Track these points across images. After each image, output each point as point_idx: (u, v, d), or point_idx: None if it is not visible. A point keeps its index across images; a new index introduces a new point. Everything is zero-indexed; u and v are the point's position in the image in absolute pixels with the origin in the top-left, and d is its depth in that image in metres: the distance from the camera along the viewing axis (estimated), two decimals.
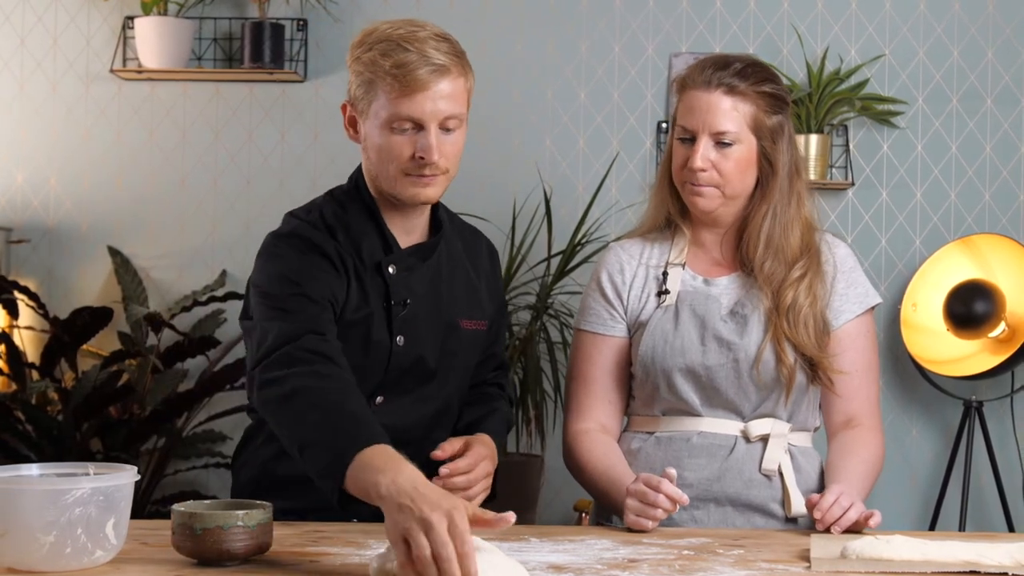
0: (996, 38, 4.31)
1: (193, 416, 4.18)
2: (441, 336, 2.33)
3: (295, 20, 4.34)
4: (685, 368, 2.39)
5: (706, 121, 2.39)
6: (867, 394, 2.47)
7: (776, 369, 2.37)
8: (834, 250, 2.50)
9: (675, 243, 2.52)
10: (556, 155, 4.36)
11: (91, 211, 4.40)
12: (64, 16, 4.41)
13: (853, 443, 2.41)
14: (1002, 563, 1.84)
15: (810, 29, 4.33)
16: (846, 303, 2.46)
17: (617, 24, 4.37)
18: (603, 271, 2.54)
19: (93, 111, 4.40)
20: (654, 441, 2.44)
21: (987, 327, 4.02)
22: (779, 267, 2.42)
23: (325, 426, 1.95)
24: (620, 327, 2.50)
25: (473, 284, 2.41)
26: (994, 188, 4.31)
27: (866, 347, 2.48)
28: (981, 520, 4.24)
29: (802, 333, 2.37)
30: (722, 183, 2.41)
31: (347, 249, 2.27)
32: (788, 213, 2.43)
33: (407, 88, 2.16)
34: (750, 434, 2.40)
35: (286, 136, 4.39)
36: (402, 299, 2.28)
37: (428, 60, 2.16)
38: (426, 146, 2.19)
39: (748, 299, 2.42)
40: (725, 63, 2.42)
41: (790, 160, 2.45)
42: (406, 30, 2.20)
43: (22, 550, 1.77)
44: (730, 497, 2.39)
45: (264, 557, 1.90)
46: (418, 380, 2.32)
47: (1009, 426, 4.25)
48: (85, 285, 4.39)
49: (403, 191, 2.24)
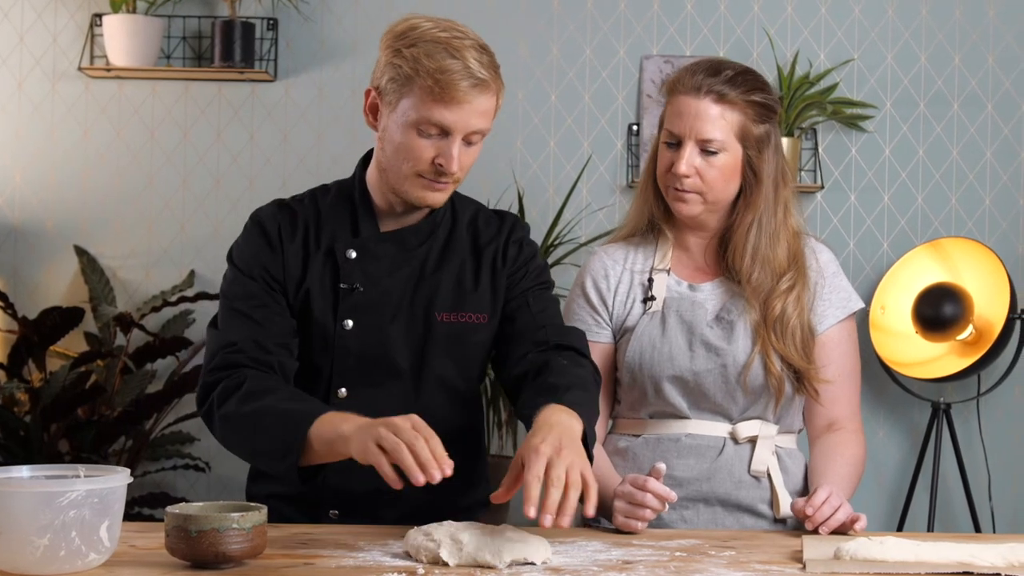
0: (963, 44, 4.36)
1: (162, 417, 4.15)
2: (413, 328, 2.29)
3: (265, 19, 4.32)
4: (673, 374, 2.40)
5: (693, 127, 2.38)
6: (848, 398, 2.49)
7: (765, 380, 2.39)
8: (818, 255, 2.50)
9: (659, 247, 2.52)
10: (527, 157, 4.37)
11: (57, 210, 4.36)
12: (31, 13, 4.36)
13: (836, 446, 2.43)
14: (995, 564, 1.86)
15: (780, 33, 4.35)
16: (829, 308, 2.48)
17: (588, 26, 4.38)
18: (587, 277, 2.53)
19: (60, 109, 4.36)
20: (642, 441, 2.45)
21: (955, 330, 4.05)
22: (766, 278, 2.42)
23: (273, 418, 2.09)
24: (605, 333, 2.50)
25: (470, 279, 2.34)
26: (960, 192, 4.36)
27: (848, 352, 2.50)
28: (948, 521, 4.28)
29: (789, 345, 2.39)
30: (705, 189, 2.40)
31: (300, 229, 2.30)
32: (774, 223, 2.43)
33: (445, 96, 2.14)
34: (738, 436, 2.41)
35: (255, 136, 4.37)
36: (351, 284, 2.27)
37: (471, 73, 2.14)
38: (448, 155, 2.18)
39: (733, 305, 2.43)
40: (716, 69, 2.40)
41: (776, 169, 2.44)
42: (451, 34, 2.18)
43: (16, 553, 1.75)
44: (720, 497, 2.40)
45: (258, 560, 1.89)
46: (387, 373, 2.29)
47: (975, 428, 4.29)
48: (51, 284, 4.35)
49: (411, 191, 2.23)
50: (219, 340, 2.25)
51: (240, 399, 2.13)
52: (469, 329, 2.33)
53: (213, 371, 2.21)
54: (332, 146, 4.36)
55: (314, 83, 4.38)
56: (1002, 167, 4.35)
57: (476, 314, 2.33)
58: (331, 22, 4.37)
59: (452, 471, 1.89)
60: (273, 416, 2.08)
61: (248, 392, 2.13)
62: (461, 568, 1.87)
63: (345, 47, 4.37)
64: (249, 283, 2.29)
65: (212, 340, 2.27)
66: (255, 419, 2.10)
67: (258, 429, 2.11)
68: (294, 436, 2.04)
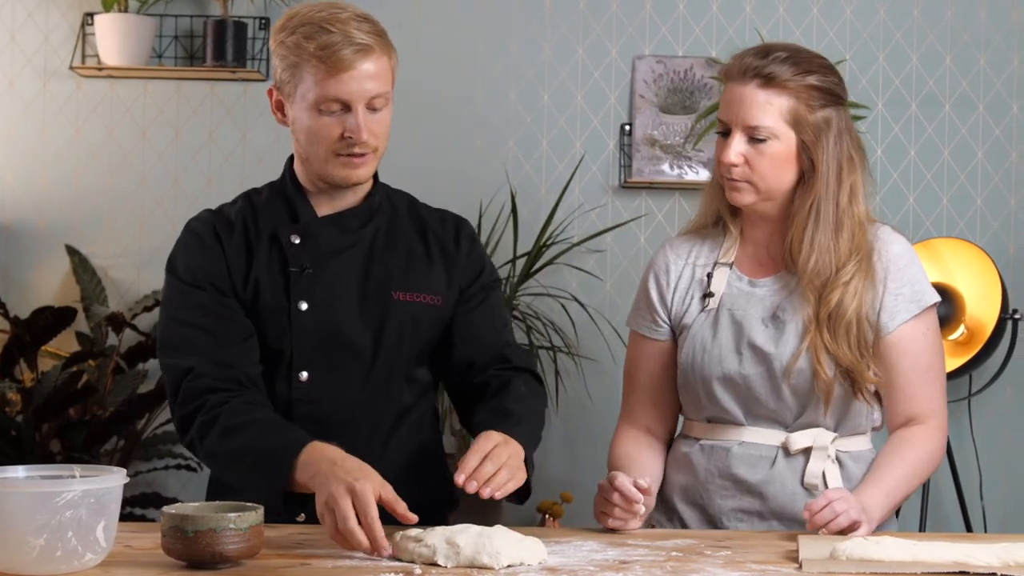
0: (954, 44, 4.37)
1: (154, 417, 4.14)
2: (369, 307, 2.31)
3: (258, 18, 4.31)
4: (723, 376, 2.35)
5: (739, 114, 2.29)
6: (927, 394, 2.37)
7: (811, 382, 2.30)
8: (889, 247, 2.37)
9: (725, 241, 2.45)
10: (519, 157, 4.36)
11: (49, 209, 4.35)
12: (22, 12, 4.35)
13: (901, 443, 2.34)
14: (991, 564, 1.86)
15: (772, 33, 4.35)
16: (901, 302, 2.35)
17: (580, 26, 4.38)
18: (651, 272, 2.50)
19: (51, 108, 4.35)
20: (699, 448, 2.41)
21: (947, 330, 4.05)
22: (825, 268, 2.30)
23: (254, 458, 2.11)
24: (663, 330, 2.47)
25: (420, 260, 2.37)
26: (952, 192, 4.37)
27: (925, 348, 2.36)
28: (939, 521, 4.29)
29: (842, 341, 2.28)
30: (756, 179, 2.31)
31: (238, 225, 2.32)
32: (836, 211, 2.31)
33: (332, 69, 2.18)
34: (791, 447, 2.34)
35: (247, 135, 4.36)
36: (301, 266, 2.28)
37: (351, 40, 2.18)
38: (354, 126, 2.21)
39: (789, 303, 2.35)
40: (766, 52, 2.31)
41: (839, 156, 2.31)
42: (328, 12, 2.22)
43: (12, 553, 1.75)
44: (774, 510, 2.35)
45: (254, 560, 1.89)
46: (346, 354, 2.29)
47: (967, 428, 4.30)
48: (42, 284, 4.34)
49: (334, 172, 2.27)
50: (176, 368, 2.24)
51: (220, 435, 2.14)
52: (424, 309, 2.34)
53: (183, 404, 2.21)
54: None
55: None
56: (993, 168, 4.36)
57: (430, 295, 2.36)
58: None
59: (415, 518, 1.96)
60: (253, 456, 2.10)
61: (225, 429, 2.14)
62: (458, 569, 1.87)
63: None
64: (194, 293, 2.29)
65: (169, 370, 2.26)
66: (237, 457, 2.14)
67: (241, 469, 2.15)
68: (276, 479, 2.06)
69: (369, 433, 2.30)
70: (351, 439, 2.14)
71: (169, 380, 2.25)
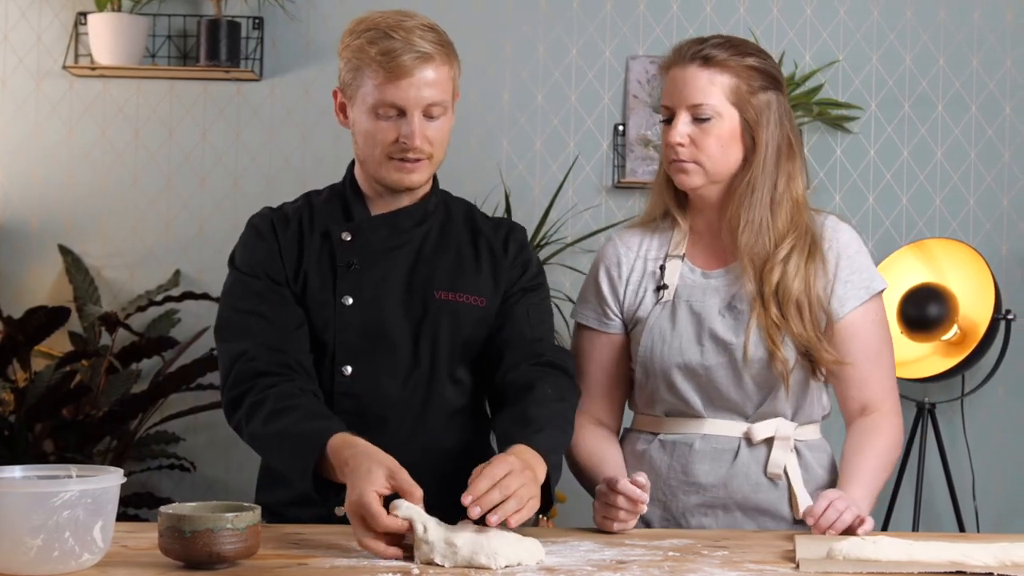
0: (947, 45, 4.38)
1: (147, 418, 4.13)
2: (412, 306, 2.33)
3: (251, 18, 4.31)
4: (684, 366, 2.36)
5: (682, 95, 2.34)
6: (880, 380, 2.41)
7: (770, 365, 2.32)
8: (837, 234, 2.41)
9: (675, 234, 2.47)
10: (513, 157, 4.37)
11: (42, 209, 4.34)
12: (14, 11, 4.34)
13: (867, 434, 2.36)
14: (987, 564, 1.87)
15: (766, 34, 4.36)
16: (851, 289, 2.39)
17: (574, 27, 4.38)
18: (601, 265, 2.51)
19: (44, 108, 4.34)
20: (658, 444, 2.42)
21: (940, 330, 4.07)
22: (762, 245, 2.33)
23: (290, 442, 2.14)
24: (615, 324, 2.48)
25: (469, 263, 2.39)
26: (945, 193, 4.38)
27: (875, 334, 2.41)
28: (932, 521, 4.30)
29: (793, 319, 2.31)
30: (702, 158, 2.34)
31: (294, 221, 2.36)
32: (774, 192, 2.34)
33: (392, 75, 2.22)
34: (753, 437, 2.36)
35: (241, 135, 4.35)
36: (348, 262, 2.32)
37: (413, 47, 2.22)
38: (408, 132, 2.25)
39: (746, 292, 2.35)
40: (703, 39, 2.37)
41: (779, 138, 2.35)
42: (395, 19, 2.26)
43: (9, 554, 1.74)
44: (738, 502, 2.37)
45: (252, 560, 1.88)
46: (389, 351, 2.32)
47: (960, 428, 4.31)
48: (35, 284, 4.33)
49: (388, 175, 2.31)
50: (231, 351, 2.28)
51: (264, 419, 2.18)
52: (466, 309, 2.36)
53: (234, 385, 2.26)
54: (317, 146, 4.35)
55: (300, 83, 4.37)
56: (986, 168, 4.37)
57: (475, 296, 2.37)
58: (317, 21, 4.36)
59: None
60: (290, 440, 2.13)
61: (271, 412, 2.18)
62: (455, 569, 1.87)
63: (331, 47, 4.35)
64: (251, 282, 2.33)
65: (224, 353, 2.30)
66: (276, 440, 2.17)
67: (278, 451, 2.18)
68: (304, 464, 2.09)
69: (410, 430, 2.31)
70: (392, 435, 2.20)
71: (223, 362, 2.30)
